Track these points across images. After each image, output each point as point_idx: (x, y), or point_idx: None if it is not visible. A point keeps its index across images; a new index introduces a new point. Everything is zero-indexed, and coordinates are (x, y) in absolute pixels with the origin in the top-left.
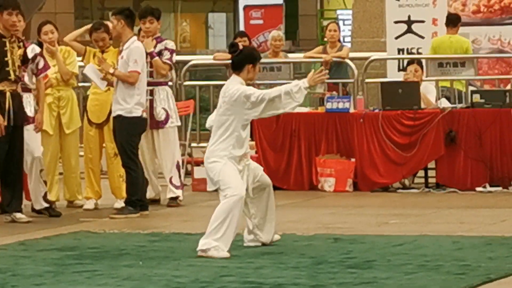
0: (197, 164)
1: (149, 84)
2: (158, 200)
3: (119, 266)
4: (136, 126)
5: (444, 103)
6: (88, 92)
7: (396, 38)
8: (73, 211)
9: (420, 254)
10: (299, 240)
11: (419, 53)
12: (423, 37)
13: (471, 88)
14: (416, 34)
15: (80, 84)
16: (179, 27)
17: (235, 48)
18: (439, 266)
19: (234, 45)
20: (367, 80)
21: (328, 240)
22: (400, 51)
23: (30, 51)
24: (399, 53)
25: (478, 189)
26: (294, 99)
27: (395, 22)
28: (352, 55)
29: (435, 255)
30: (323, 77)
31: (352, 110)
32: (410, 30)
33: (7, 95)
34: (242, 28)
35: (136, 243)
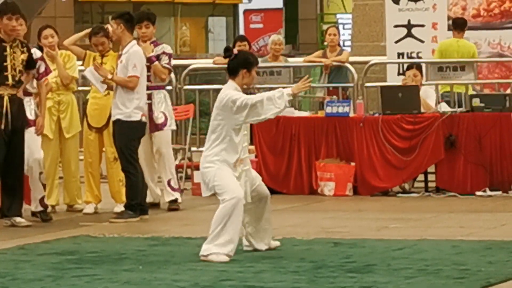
0: (196, 168)
1: (147, 88)
2: (157, 204)
3: (119, 271)
4: (136, 131)
5: (443, 107)
6: (88, 96)
7: (396, 42)
8: (73, 215)
9: (420, 258)
10: (299, 244)
11: (419, 57)
12: (423, 41)
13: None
14: (416, 38)
15: (80, 88)
16: (179, 31)
17: (229, 53)
18: (439, 271)
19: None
20: (367, 84)
21: (328, 244)
22: (400, 55)
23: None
24: (399, 57)
25: (478, 193)
26: (275, 104)
27: (395, 26)
28: (352, 59)
29: (435, 260)
30: (307, 85)
31: (352, 114)
32: (410, 34)
33: (5, 99)
34: (242, 32)
35: (136, 247)
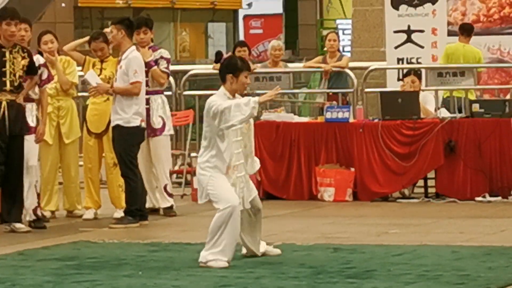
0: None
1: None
2: (157, 209)
3: (119, 276)
4: (135, 136)
5: (443, 113)
6: (87, 102)
7: (396, 47)
8: (72, 221)
9: (419, 264)
10: (299, 250)
11: (419, 62)
12: (422, 46)
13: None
14: (415, 44)
15: (79, 94)
16: (178, 37)
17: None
18: (438, 276)
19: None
20: (366, 90)
21: (327, 250)
22: (400, 60)
23: (34, 61)
24: (398, 62)
25: (477, 199)
26: (241, 111)
27: (395, 32)
28: (352, 64)
29: (434, 265)
30: (275, 93)
31: (351, 120)
32: (409, 40)
33: (3, 104)
34: (242, 37)
35: (135, 253)
